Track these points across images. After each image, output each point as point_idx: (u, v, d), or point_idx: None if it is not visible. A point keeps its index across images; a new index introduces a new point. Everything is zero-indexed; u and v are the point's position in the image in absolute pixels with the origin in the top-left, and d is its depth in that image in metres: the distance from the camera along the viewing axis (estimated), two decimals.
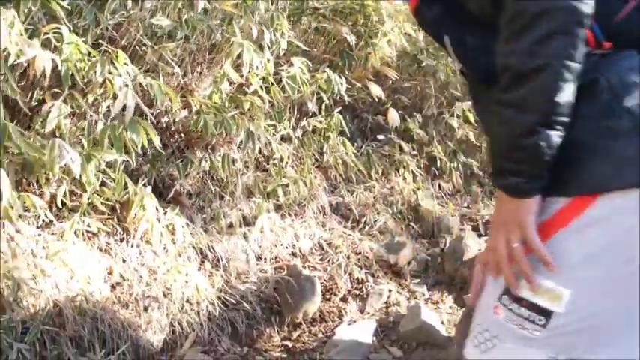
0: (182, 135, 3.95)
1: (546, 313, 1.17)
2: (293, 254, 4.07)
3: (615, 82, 1.15)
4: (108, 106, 3.02)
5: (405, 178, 5.12)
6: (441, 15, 1.31)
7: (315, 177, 4.62)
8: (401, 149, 5.18)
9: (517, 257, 1.19)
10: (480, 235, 4.94)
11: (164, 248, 3.30)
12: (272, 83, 4.09)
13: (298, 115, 4.68)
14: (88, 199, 3.05)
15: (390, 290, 4.02)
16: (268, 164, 4.38)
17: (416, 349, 3.46)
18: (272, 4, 4.04)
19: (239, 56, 3.71)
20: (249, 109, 3.94)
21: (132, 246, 3.25)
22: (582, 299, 1.16)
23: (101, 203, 3.11)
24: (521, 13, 1.08)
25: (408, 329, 3.53)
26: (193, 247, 3.47)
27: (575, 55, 1.09)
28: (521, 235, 1.19)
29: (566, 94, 1.10)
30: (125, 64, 3.01)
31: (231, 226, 3.87)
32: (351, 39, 4.66)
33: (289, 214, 4.31)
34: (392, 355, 3.39)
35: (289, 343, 3.47)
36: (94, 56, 2.94)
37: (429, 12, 1.33)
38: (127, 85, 2.95)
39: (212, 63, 3.87)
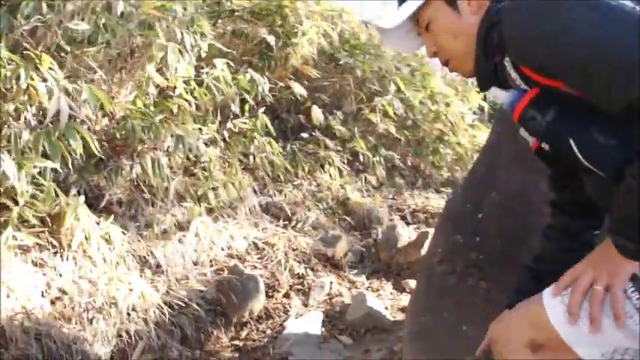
0: (106, 143, 3.82)
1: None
2: (230, 256, 4.05)
3: None
4: (35, 114, 2.89)
5: (330, 174, 5.19)
6: (559, 118, 1.26)
7: (244, 178, 4.59)
8: (325, 146, 5.25)
9: (595, 298, 1.24)
10: (408, 224, 5.10)
11: (102, 258, 3.19)
12: (194, 87, 4.04)
13: (221, 118, 4.64)
14: (18, 212, 2.90)
15: (330, 282, 4.07)
16: (196, 168, 4.32)
17: (365, 336, 3.53)
18: (190, 6, 4.00)
19: (162, 59, 3.65)
20: (175, 114, 3.87)
21: (67, 259, 3.13)
22: None
23: (32, 216, 2.96)
24: None
25: (356, 317, 3.58)
26: (132, 255, 3.38)
27: None
28: (607, 283, 1.24)
29: None
30: (50, 68, 2.89)
31: (165, 232, 3.79)
32: (270, 39, 4.68)
33: (222, 217, 4.28)
34: (342, 344, 3.43)
35: (239, 343, 3.45)
36: (15, 62, 2.81)
37: (543, 118, 1.27)
38: (51, 91, 2.84)
39: (134, 67, 3.78)
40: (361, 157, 5.55)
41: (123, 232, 3.40)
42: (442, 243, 3.20)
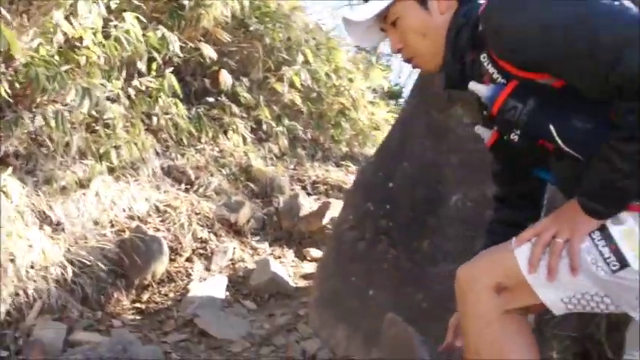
0: (5, 91, 3.56)
1: (623, 264, 1.28)
2: (131, 217, 3.92)
3: None
4: None
5: (234, 141, 5.14)
6: (539, 107, 1.32)
7: (147, 139, 4.45)
8: (231, 112, 5.18)
9: (554, 249, 1.32)
10: (308, 194, 5.16)
11: None
12: (102, 40, 3.85)
13: (126, 75, 4.46)
14: None
15: (234, 248, 4.06)
16: (98, 125, 4.12)
17: (268, 301, 3.56)
18: None
19: (71, 7, 3.44)
20: (82, 66, 3.67)
21: None
22: None
23: None
24: None
25: (259, 282, 3.61)
26: (31, 211, 3.19)
27: None
28: (568, 237, 1.32)
29: None
30: None
31: (65, 188, 3.60)
32: None
33: (123, 177, 4.13)
34: (246, 308, 3.45)
35: (141, 305, 3.36)
36: None
37: (524, 107, 1.33)
38: None
39: (39, 12, 3.53)
40: (265, 126, 5.53)
41: (22, 187, 3.19)
42: (353, 210, 3.28)
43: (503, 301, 1.39)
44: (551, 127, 1.31)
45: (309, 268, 4.07)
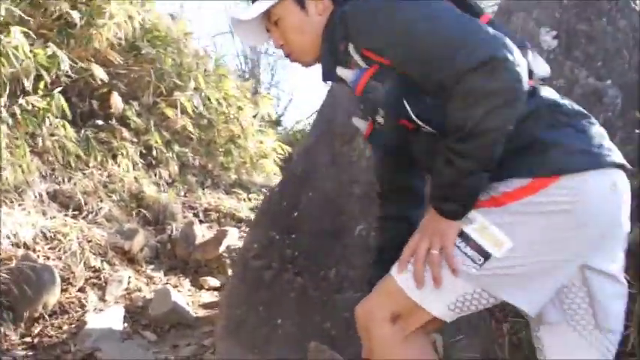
0: None
1: (486, 256, 1.41)
2: (17, 245, 3.67)
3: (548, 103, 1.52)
4: None
5: (123, 166, 4.98)
6: (396, 86, 1.46)
7: (32, 161, 4.21)
8: (121, 136, 5.02)
9: (433, 260, 1.45)
10: (201, 222, 5.10)
11: None
12: None
13: (9, 93, 4.20)
14: None
15: (129, 277, 3.91)
16: None
17: (169, 331, 3.47)
18: None
19: None
20: None
21: None
22: (517, 253, 1.42)
23: None
24: (475, 90, 1.33)
25: (159, 312, 3.51)
26: None
27: (513, 123, 1.38)
28: (441, 244, 1.44)
29: (499, 150, 1.39)
30: None
31: None
32: (75, 15, 4.37)
33: (7, 201, 3.87)
34: (147, 340, 3.34)
35: (33, 340, 3.15)
36: None
37: (383, 87, 1.47)
38: None
39: None
40: (155, 152, 5.39)
41: None
42: (258, 239, 3.29)
43: (401, 328, 1.50)
44: (405, 103, 1.45)
45: (208, 297, 4.01)
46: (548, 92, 1.59)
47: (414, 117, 1.46)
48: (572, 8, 3.24)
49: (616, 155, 1.48)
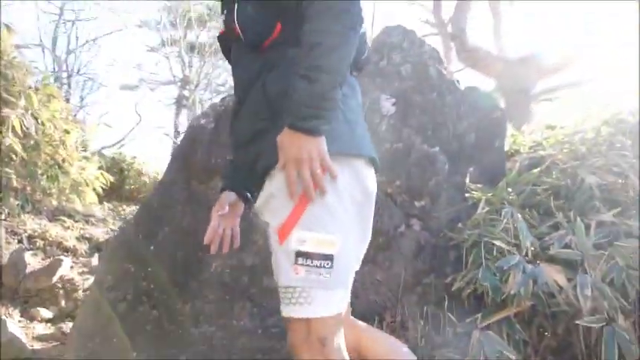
0: None
1: (330, 258, 1.58)
2: None
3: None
4: None
5: None
6: None
7: None
8: None
9: (319, 178, 1.56)
10: (26, 249, 4.86)
11: None
12: None
13: None
14: None
15: None
16: None
17: None
18: None
19: None
20: None
21: None
22: (345, 242, 1.63)
23: None
24: (333, 8, 1.55)
25: None
26: None
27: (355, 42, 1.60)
28: (319, 163, 1.56)
29: (348, 64, 1.59)
30: None
31: None
32: None
33: None
34: None
35: None
36: None
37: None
38: None
39: None
40: None
41: None
42: (112, 270, 3.29)
43: (330, 345, 1.64)
44: (235, 7, 1.73)
45: (42, 329, 3.84)
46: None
47: (235, 22, 1.72)
48: (409, 80, 3.71)
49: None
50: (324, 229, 1.60)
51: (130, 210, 7.77)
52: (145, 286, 3.23)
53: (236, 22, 1.72)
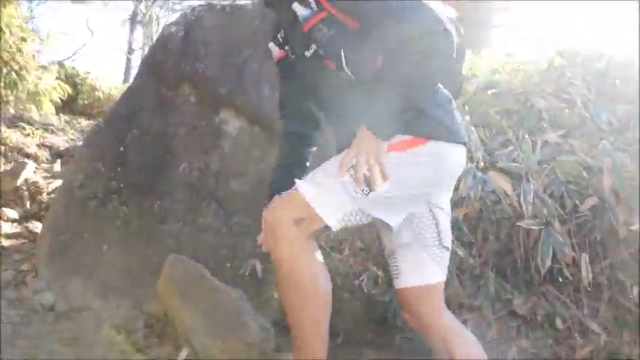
0: None
1: (371, 187, 1.85)
2: None
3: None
4: None
5: None
6: (338, 35, 1.85)
7: None
8: None
9: (373, 169, 1.83)
10: None
11: None
12: None
13: None
14: None
15: None
16: None
17: None
18: None
19: None
20: None
21: None
22: (393, 187, 1.87)
23: None
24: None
25: None
26: None
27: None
28: (376, 160, 1.84)
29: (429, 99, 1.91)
30: None
31: None
32: None
33: None
34: None
35: None
36: None
37: (329, 32, 1.84)
38: None
39: None
40: None
41: None
42: (83, 170, 3.40)
43: (302, 231, 1.89)
44: (342, 52, 1.87)
45: (8, 228, 3.93)
46: None
47: (345, 66, 1.86)
48: None
49: (464, 136, 2.06)
50: (387, 168, 1.87)
51: (87, 124, 7.73)
52: (114, 185, 3.36)
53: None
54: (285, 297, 1.95)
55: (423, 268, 2.07)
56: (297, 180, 1.91)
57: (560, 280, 3.37)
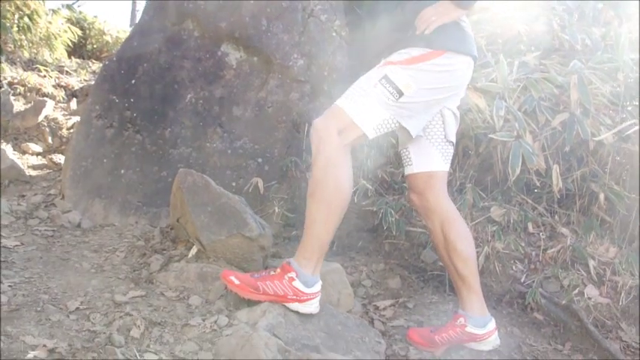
0: None
1: (400, 93, 2.20)
2: None
3: None
4: None
5: None
6: None
7: None
8: None
9: (431, 20, 2.24)
10: (10, 93, 5.19)
11: None
12: None
13: None
14: None
15: None
16: None
17: (8, 186, 3.76)
18: None
19: None
20: None
21: None
22: (418, 93, 2.23)
23: None
24: None
25: None
26: None
27: None
28: (449, 19, 2.24)
29: None
30: None
31: None
32: None
33: None
34: None
35: None
36: None
37: None
38: None
39: None
40: None
41: None
42: (99, 102, 3.72)
43: (342, 138, 2.25)
44: None
45: (34, 160, 4.29)
46: None
47: None
48: None
49: (473, 49, 2.38)
50: (412, 77, 2.23)
51: (97, 67, 8.02)
52: (128, 114, 3.68)
53: None
54: (311, 194, 2.27)
55: (430, 158, 2.47)
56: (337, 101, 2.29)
57: (536, 191, 3.70)
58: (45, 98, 4.97)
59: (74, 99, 5.55)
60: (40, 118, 4.68)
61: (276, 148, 3.74)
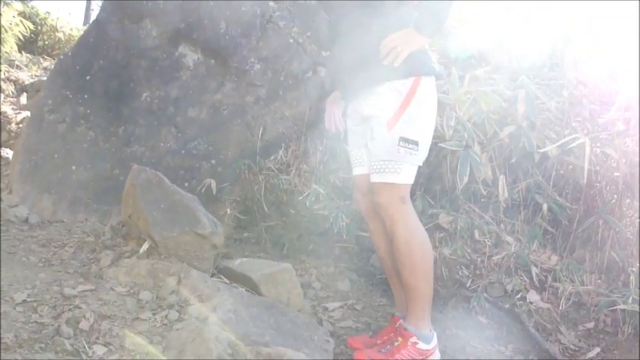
0: None
1: (417, 143, 2.30)
2: None
3: None
4: None
5: None
6: None
7: None
8: None
9: (397, 51, 2.30)
10: None
11: None
12: None
13: None
14: None
15: None
16: None
17: None
18: None
19: None
20: None
21: None
22: (425, 129, 2.34)
23: None
24: None
25: None
26: None
27: None
28: (415, 47, 2.31)
29: None
30: None
31: None
32: None
33: None
34: None
35: None
36: None
37: None
38: None
39: None
40: None
41: None
42: (52, 96, 3.66)
43: (405, 202, 2.38)
44: None
45: None
46: None
47: None
48: None
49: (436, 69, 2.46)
50: (415, 123, 2.31)
51: (49, 63, 7.87)
52: (82, 110, 3.64)
53: None
54: (403, 267, 2.35)
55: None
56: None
57: (483, 200, 3.82)
58: None
59: (24, 94, 5.44)
60: None
61: (230, 151, 3.76)
